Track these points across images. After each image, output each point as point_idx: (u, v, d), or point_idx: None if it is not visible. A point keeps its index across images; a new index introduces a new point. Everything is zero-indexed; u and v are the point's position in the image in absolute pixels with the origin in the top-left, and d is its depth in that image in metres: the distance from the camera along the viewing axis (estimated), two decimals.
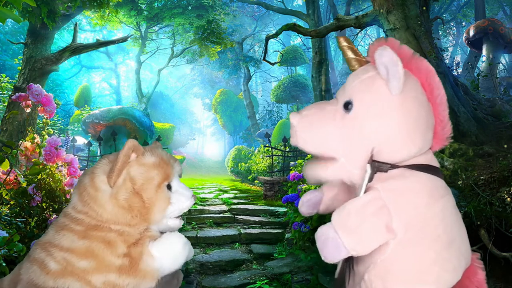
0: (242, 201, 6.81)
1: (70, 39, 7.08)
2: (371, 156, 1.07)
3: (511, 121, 4.73)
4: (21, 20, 2.26)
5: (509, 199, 2.49)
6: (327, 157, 1.14)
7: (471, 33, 9.56)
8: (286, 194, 4.09)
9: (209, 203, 6.52)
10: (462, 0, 17.44)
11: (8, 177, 2.04)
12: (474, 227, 2.59)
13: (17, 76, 6.01)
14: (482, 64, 9.87)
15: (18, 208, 2.05)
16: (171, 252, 1.07)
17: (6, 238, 1.64)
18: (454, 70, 9.23)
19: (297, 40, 23.96)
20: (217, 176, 17.68)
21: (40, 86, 2.22)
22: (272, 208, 5.81)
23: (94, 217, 1.05)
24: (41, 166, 2.10)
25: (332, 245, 1.03)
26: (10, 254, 1.68)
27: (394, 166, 1.09)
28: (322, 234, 1.06)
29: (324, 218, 2.88)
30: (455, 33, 19.44)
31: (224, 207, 6.10)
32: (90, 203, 1.06)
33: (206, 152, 33.12)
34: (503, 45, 9.38)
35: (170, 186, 1.14)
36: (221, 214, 5.73)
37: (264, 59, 7.12)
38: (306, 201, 1.37)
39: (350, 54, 1.22)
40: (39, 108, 2.27)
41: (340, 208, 1.08)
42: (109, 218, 1.04)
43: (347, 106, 1.11)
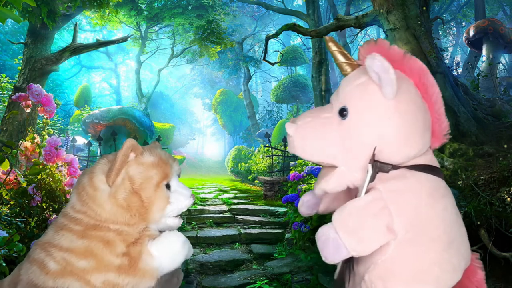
0: (242, 201, 6.81)
1: (70, 39, 7.08)
2: (373, 156, 1.06)
3: (511, 121, 4.73)
4: (21, 20, 2.26)
5: (509, 199, 2.49)
6: (327, 164, 1.14)
7: (471, 33, 9.55)
8: (286, 194, 4.09)
9: (209, 203, 6.52)
10: (462, 0, 17.43)
11: (8, 177, 2.04)
12: (474, 227, 2.59)
13: (17, 76, 6.01)
14: (482, 64, 9.86)
15: (18, 208, 2.05)
16: (170, 251, 1.07)
17: (6, 238, 1.64)
18: (454, 70, 9.22)
19: (297, 40, 23.95)
20: (217, 176, 17.67)
21: (40, 86, 2.23)
22: (272, 208, 5.81)
23: (93, 216, 1.05)
24: (41, 166, 2.10)
25: (332, 245, 1.03)
26: (10, 254, 1.68)
27: (395, 167, 1.09)
28: (322, 235, 1.06)
29: (324, 218, 2.88)
30: (455, 33, 19.43)
31: (224, 207, 6.10)
32: (88, 203, 1.06)
33: (206, 152, 33.11)
34: (503, 45, 9.37)
35: (169, 186, 1.14)
36: (221, 214, 5.73)
37: (264, 59, 7.11)
38: (306, 201, 1.37)
39: (341, 59, 1.20)
40: (39, 108, 2.27)
41: (340, 208, 1.08)
42: (108, 217, 1.04)
43: (342, 112, 1.11)
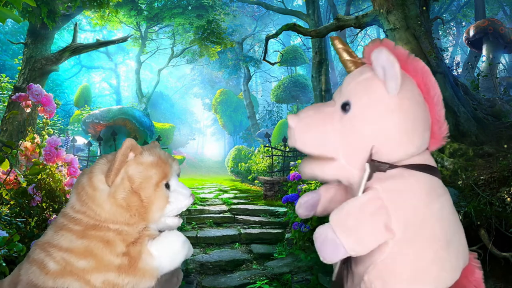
0: (242, 201, 6.81)
1: (70, 39, 7.09)
2: (370, 155, 1.07)
3: (511, 121, 4.73)
4: (21, 20, 2.26)
5: (509, 199, 2.49)
6: (326, 158, 1.14)
7: (471, 33, 9.55)
8: (286, 194, 4.09)
9: (209, 203, 6.52)
10: (462, 0, 17.43)
11: (8, 177, 2.04)
12: (474, 227, 2.59)
13: (17, 76, 6.01)
14: (482, 64, 9.86)
15: (18, 208, 2.05)
16: (170, 250, 1.07)
17: (6, 238, 1.64)
18: (454, 70, 9.22)
19: (297, 40, 23.95)
20: (217, 176, 17.67)
21: (40, 86, 2.23)
22: (272, 208, 5.81)
23: (93, 216, 1.05)
24: (41, 166, 2.10)
25: (330, 245, 1.03)
26: (10, 254, 1.68)
27: (392, 166, 1.09)
28: (320, 235, 1.06)
29: (324, 218, 2.88)
30: (455, 33, 19.42)
31: (224, 207, 6.10)
32: (88, 203, 1.06)
33: (206, 152, 33.11)
34: (503, 45, 9.36)
35: (168, 185, 1.14)
36: (221, 214, 5.73)
37: (264, 59, 7.11)
38: (303, 202, 1.37)
39: (346, 56, 1.23)
40: (39, 108, 2.27)
41: (338, 208, 1.07)
42: (107, 217, 1.04)
43: (345, 107, 1.11)
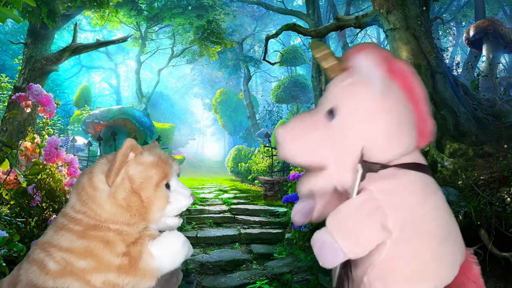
0: (242, 201, 6.81)
1: (70, 39, 7.08)
2: (361, 156, 1.08)
3: (511, 121, 4.73)
4: (21, 20, 2.26)
5: (509, 199, 2.49)
6: (317, 166, 1.15)
7: (471, 33, 9.55)
8: (286, 194, 4.09)
9: (209, 203, 6.52)
10: (462, 0, 17.43)
11: (8, 177, 2.04)
12: (474, 227, 2.59)
13: (17, 76, 6.01)
14: (482, 64, 9.86)
15: (18, 208, 2.05)
16: (171, 251, 1.07)
17: (6, 238, 1.64)
18: (454, 70, 9.22)
19: (297, 40, 23.94)
20: (217, 176, 17.67)
21: (40, 86, 2.23)
22: (272, 208, 5.81)
23: (93, 216, 1.05)
24: (41, 166, 2.10)
25: (329, 249, 1.02)
26: (10, 254, 1.68)
27: (384, 166, 1.10)
28: (318, 240, 1.06)
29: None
30: (455, 33, 19.42)
31: (224, 207, 6.10)
32: (88, 203, 1.06)
33: (206, 152, 33.10)
34: (503, 45, 9.36)
35: (168, 185, 1.14)
36: (221, 214, 5.73)
37: (264, 59, 7.11)
38: (299, 210, 1.37)
39: (325, 64, 1.24)
40: (39, 108, 2.27)
41: (334, 211, 1.07)
42: (107, 217, 1.04)
43: (331, 113, 1.12)
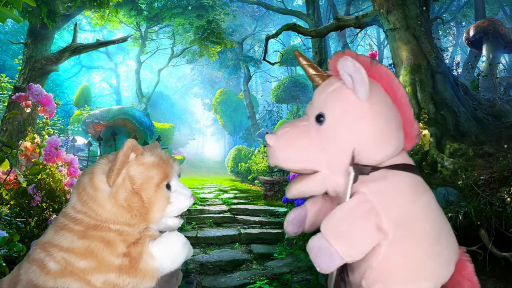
0: (242, 201, 6.81)
1: (70, 39, 7.09)
2: (352, 159, 1.09)
3: (511, 121, 4.73)
4: (21, 20, 2.26)
5: (509, 199, 2.49)
6: (309, 171, 1.16)
7: (471, 33, 9.55)
8: None
9: (209, 203, 6.52)
10: (462, 0, 17.43)
11: (8, 177, 2.04)
12: (474, 227, 2.59)
13: (17, 76, 6.01)
14: (482, 64, 9.86)
15: (18, 208, 2.05)
16: (171, 251, 1.07)
17: (6, 238, 1.64)
18: (454, 70, 9.23)
19: (297, 40, 23.95)
20: (217, 176, 17.67)
21: (40, 86, 2.23)
22: (272, 208, 5.81)
23: (94, 216, 1.05)
24: (41, 166, 2.10)
25: (325, 254, 1.02)
26: (10, 254, 1.68)
27: (375, 168, 1.11)
28: (314, 246, 1.06)
29: None
30: (455, 33, 19.43)
31: (224, 207, 6.10)
32: (89, 203, 1.05)
33: (206, 152, 33.09)
34: (503, 45, 9.37)
35: (169, 186, 1.14)
36: (221, 214, 5.73)
37: (264, 59, 7.10)
38: (291, 220, 1.39)
39: (312, 71, 1.27)
40: (39, 108, 2.27)
41: (328, 216, 1.08)
42: (108, 217, 1.04)
43: (319, 119, 1.14)
